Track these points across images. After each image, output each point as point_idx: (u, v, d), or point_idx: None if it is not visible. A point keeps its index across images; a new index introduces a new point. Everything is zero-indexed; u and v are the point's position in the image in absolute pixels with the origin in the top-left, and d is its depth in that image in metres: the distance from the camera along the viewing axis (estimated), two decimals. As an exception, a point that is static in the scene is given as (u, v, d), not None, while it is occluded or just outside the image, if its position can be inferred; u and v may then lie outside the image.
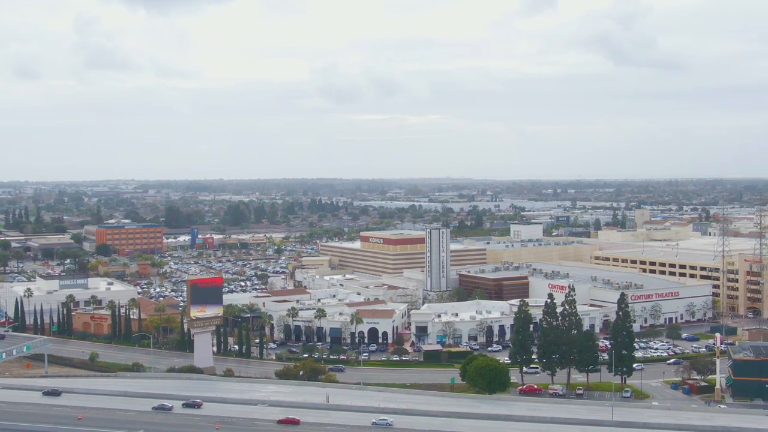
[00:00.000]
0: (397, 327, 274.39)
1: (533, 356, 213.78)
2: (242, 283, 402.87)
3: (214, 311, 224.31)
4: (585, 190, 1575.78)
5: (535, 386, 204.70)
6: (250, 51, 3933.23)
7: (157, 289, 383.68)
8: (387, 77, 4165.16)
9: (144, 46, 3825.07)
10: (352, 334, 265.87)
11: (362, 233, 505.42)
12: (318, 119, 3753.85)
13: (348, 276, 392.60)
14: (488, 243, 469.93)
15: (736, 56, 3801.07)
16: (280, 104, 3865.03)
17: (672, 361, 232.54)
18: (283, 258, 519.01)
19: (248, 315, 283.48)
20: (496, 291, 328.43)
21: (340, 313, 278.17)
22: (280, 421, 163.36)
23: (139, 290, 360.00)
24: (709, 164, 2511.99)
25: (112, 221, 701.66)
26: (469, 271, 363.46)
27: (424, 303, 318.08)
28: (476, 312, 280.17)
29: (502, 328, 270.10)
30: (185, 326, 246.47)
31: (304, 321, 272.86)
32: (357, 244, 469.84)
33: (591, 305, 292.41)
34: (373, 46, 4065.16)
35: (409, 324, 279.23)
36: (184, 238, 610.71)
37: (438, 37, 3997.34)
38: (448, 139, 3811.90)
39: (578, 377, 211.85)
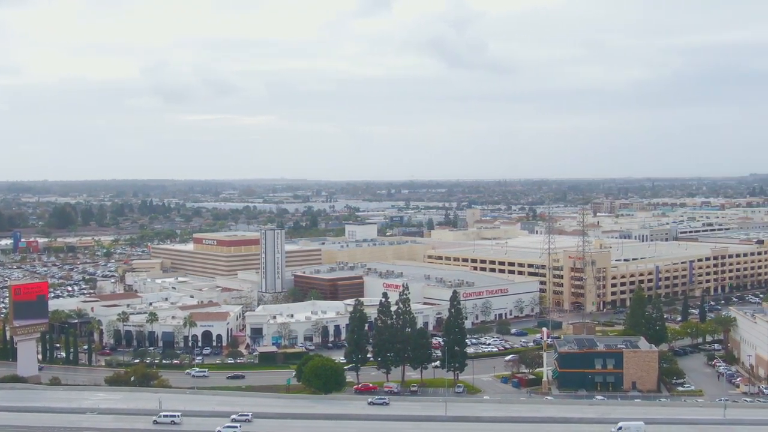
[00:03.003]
0: (231, 329, 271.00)
1: (368, 355, 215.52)
2: (69, 288, 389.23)
3: (38, 317, 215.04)
4: (418, 190, 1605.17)
5: (371, 385, 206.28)
6: (76, 47, 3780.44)
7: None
8: (220, 77, 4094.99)
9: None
10: (186, 338, 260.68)
11: (195, 235, 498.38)
12: (149, 119, 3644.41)
13: (181, 279, 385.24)
14: (323, 243, 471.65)
15: (560, 61, 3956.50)
16: (109, 103, 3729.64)
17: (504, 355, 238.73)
18: (113, 261, 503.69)
19: (76, 321, 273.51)
20: (332, 291, 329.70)
21: (173, 317, 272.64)
22: None
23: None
24: (535, 165, 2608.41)
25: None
26: (304, 272, 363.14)
27: (259, 304, 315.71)
28: (312, 312, 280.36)
29: (337, 327, 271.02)
30: (7, 334, 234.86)
31: (135, 325, 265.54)
32: (190, 246, 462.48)
33: (425, 303, 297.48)
34: (205, 45, 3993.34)
35: (244, 326, 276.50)
36: (5, 242, 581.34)
37: (272, 37, 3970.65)
38: (282, 139, 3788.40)
39: (413, 374, 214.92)
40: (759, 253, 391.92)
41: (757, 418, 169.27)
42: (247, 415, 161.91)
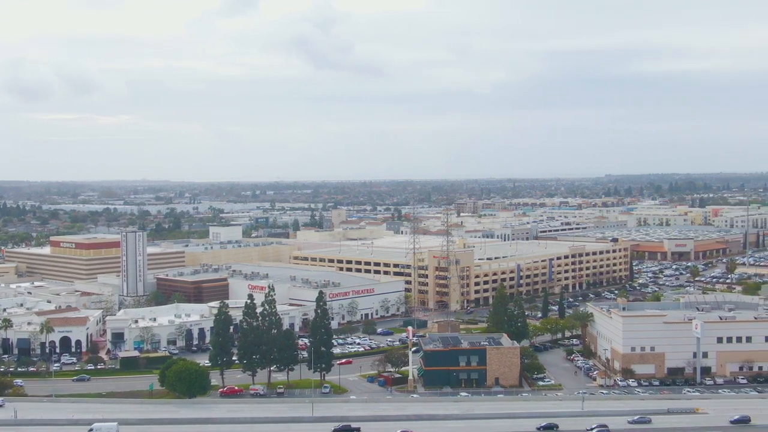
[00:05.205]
0: (91, 334, 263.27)
1: (234, 358, 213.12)
2: None
3: None
4: (284, 191, 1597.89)
5: (236, 387, 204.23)
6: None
7: None
8: (79, 75, 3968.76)
9: None
10: (43, 344, 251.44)
11: (52, 238, 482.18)
12: (2, 117, 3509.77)
13: (37, 283, 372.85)
14: (187, 246, 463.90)
15: (426, 64, 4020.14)
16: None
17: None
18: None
19: None
20: (196, 294, 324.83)
21: (29, 323, 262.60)
22: None
23: None
24: (401, 166, 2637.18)
25: None
26: (167, 275, 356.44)
27: (120, 309, 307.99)
28: (175, 316, 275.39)
29: (202, 331, 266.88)
30: None
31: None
32: (47, 250, 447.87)
33: (291, 304, 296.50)
34: (64, 42, 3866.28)
35: (105, 331, 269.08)
36: None
37: (134, 35, 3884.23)
38: (144, 140, 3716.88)
39: (279, 376, 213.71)
40: (614, 251, 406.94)
41: (613, 409, 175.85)
42: None
